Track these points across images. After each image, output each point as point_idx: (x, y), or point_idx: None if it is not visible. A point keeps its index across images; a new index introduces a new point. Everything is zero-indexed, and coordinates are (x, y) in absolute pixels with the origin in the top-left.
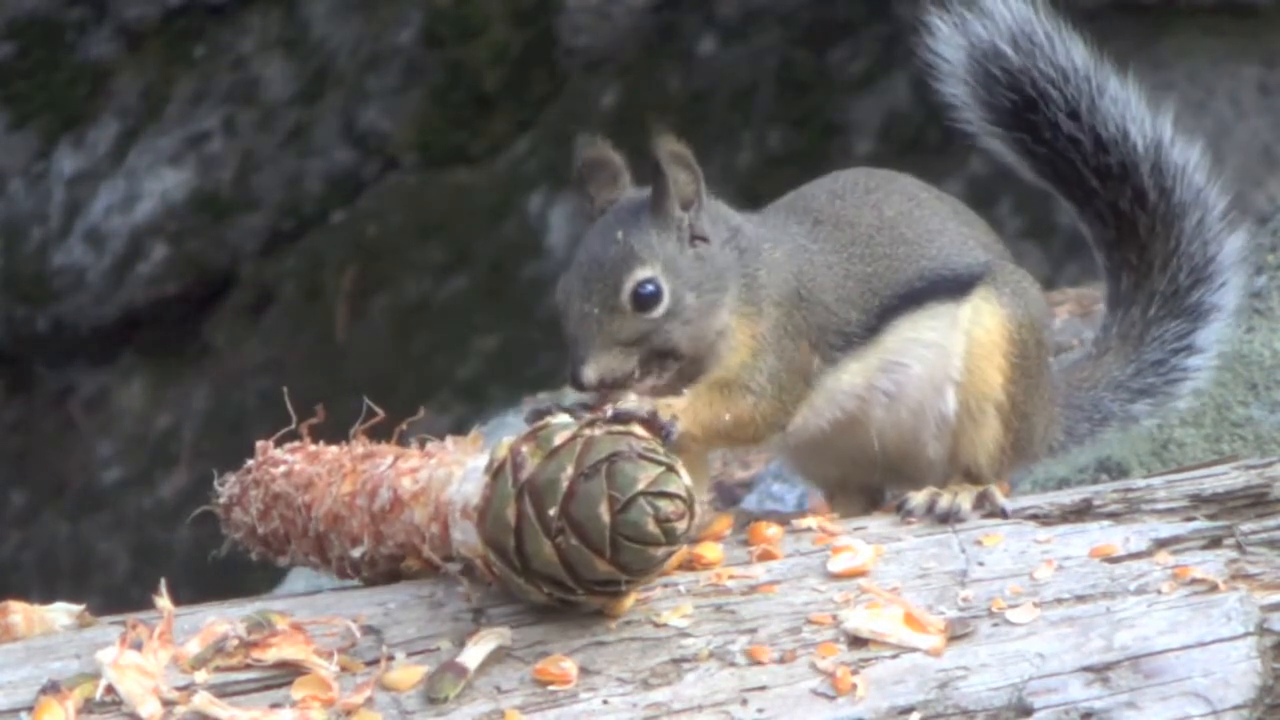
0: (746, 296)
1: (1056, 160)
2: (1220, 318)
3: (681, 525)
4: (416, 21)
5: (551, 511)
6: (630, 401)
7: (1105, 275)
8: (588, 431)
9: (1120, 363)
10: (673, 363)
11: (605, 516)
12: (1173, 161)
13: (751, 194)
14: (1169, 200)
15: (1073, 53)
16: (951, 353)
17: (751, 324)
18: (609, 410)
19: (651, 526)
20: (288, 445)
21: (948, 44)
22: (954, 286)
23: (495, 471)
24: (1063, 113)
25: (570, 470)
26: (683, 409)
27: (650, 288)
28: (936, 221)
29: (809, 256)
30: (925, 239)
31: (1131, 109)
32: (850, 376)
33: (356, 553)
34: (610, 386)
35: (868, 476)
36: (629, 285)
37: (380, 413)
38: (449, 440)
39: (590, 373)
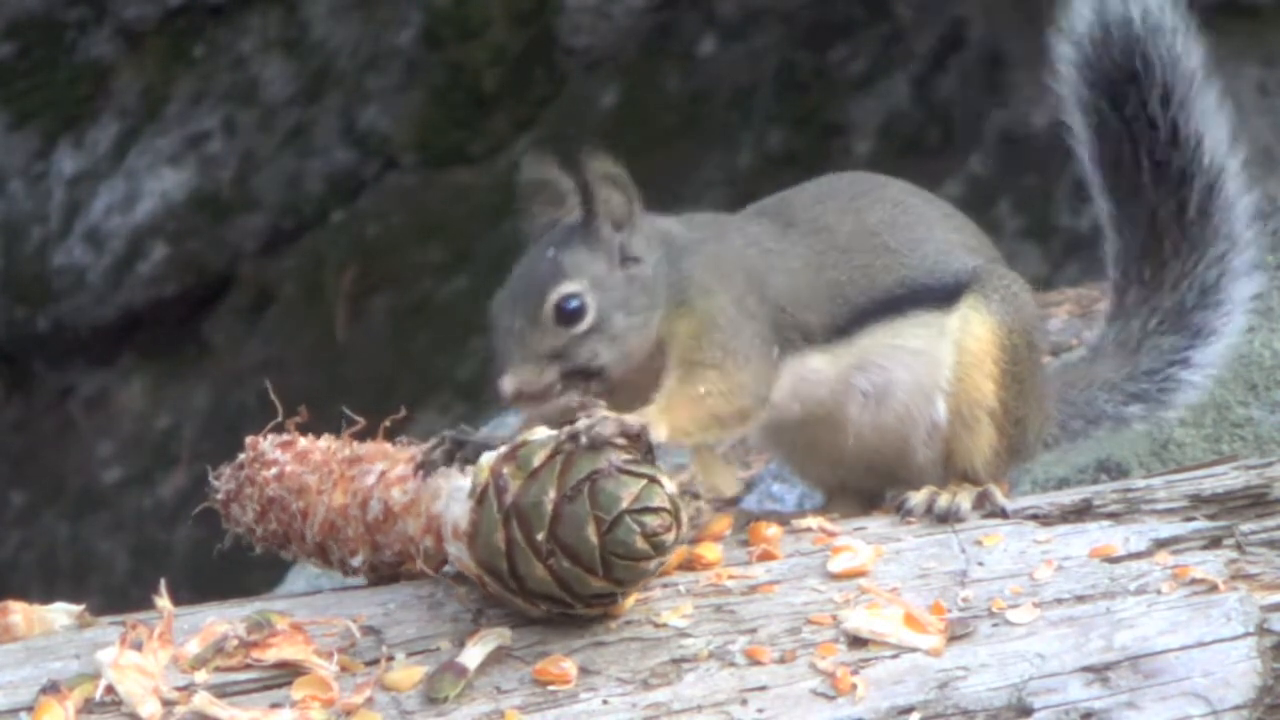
0: (678, 297)
1: (1123, 143)
2: (1219, 341)
3: (670, 537)
4: (416, 22)
5: (540, 536)
6: (599, 423)
7: (1112, 290)
8: (567, 447)
9: (1115, 366)
10: (598, 383)
11: (593, 538)
12: (1226, 191)
13: (751, 194)
14: (1205, 224)
15: (1191, 48)
16: (941, 362)
17: (688, 317)
18: (583, 440)
19: (640, 543)
20: (275, 439)
21: (1086, 13)
22: (940, 295)
23: (480, 496)
24: (1155, 94)
25: (553, 493)
26: (657, 412)
27: (574, 303)
28: (922, 229)
29: (768, 260)
30: (909, 247)
31: (1216, 122)
32: (816, 363)
33: (355, 562)
34: (529, 399)
35: (863, 479)
36: (552, 299)
37: (360, 421)
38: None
39: (507, 384)
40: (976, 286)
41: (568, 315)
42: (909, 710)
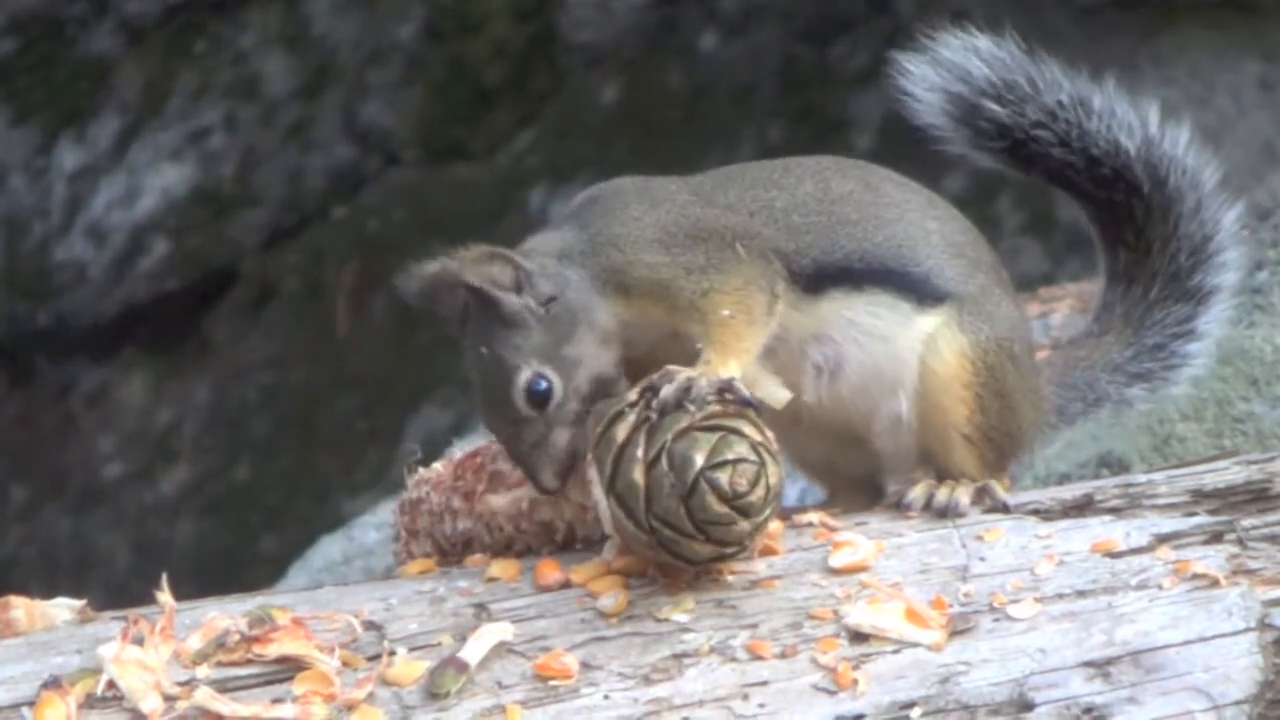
0: (616, 287)
1: (1049, 175)
2: (1221, 299)
3: (756, 494)
4: (418, 17)
5: (640, 514)
6: (688, 384)
7: (1101, 250)
8: (650, 415)
9: (1120, 345)
10: (611, 387)
11: (679, 507)
12: (1164, 153)
13: None
14: (1164, 189)
15: (1057, 88)
16: (904, 361)
17: (645, 297)
18: (668, 404)
19: (716, 506)
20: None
21: (926, 96)
22: (905, 283)
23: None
24: (1054, 146)
25: (639, 468)
26: (716, 356)
27: (538, 385)
28: (893, 212)
29: (677, 202)
30: (872, 225)
31: (1118, 119)
32: (784, 309)
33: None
34: (572, 461)
35: (850, 464)
36: (519, 398)
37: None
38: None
39: (547, 479)
40: (952, 305)
41: (540, 398)
42: (910, 705)
